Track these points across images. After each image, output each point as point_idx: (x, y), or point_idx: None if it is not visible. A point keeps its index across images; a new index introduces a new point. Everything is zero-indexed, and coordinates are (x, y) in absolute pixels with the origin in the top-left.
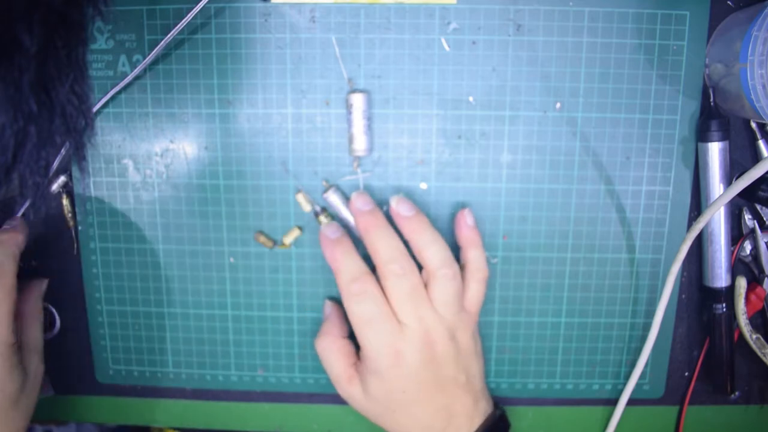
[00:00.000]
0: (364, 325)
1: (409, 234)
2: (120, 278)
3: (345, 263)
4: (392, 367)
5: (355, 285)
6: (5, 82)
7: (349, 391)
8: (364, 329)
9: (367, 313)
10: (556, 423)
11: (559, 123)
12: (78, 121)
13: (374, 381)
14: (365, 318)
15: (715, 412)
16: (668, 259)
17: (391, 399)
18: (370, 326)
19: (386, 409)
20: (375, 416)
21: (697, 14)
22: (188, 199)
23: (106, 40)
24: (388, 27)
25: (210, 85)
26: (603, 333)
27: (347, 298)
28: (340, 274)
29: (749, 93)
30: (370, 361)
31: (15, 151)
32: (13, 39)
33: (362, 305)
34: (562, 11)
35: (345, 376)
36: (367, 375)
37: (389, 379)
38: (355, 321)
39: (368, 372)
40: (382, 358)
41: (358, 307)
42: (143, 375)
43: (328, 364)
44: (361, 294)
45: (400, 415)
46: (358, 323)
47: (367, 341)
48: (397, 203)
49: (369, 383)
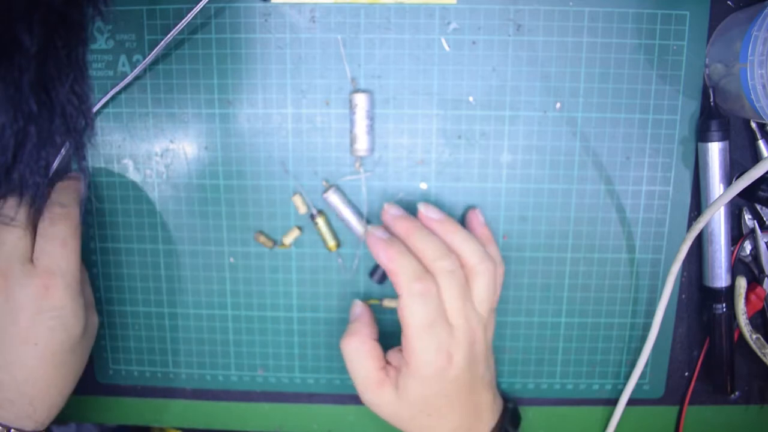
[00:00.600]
0: (425, 327)
1: (443, 235)
2: (120, 278)
3: (403, 263)
4: (441, 371)
5: (418, 284)
6: (5, 82)
7: (378, 394)
8: (422, 332)
9: (431, 314)
10: (556, 423)
11: (559, 123)
12: (78, 121)
13: (415, 386)
14: (427, 320)
15: (715, 412)
16: (668, 259)
17: (429, 403)
18: (430, 329)
19: (420, 413)
20: (402, 420)
21: (697, 14)
22: (188, 199)
23: (106, 40)
24: (388, 27)
25: (210, 85)
26: (603, 333)
27: (409, 298)
28: (400, 274)
29: (749, 93)
30: (418, 366)
31: (15, 151)
32: (13, 39)
33: (426, 306)
34: (562, 11)
35: (375, 380)
36: (407, 379)
37: (433, 383)
38: (415, 323)
39: (409, 376)
40: (433, 363)
41: (421, 309)
42: (143, 375)
43: (357, 366)
44: (426, 294)
45: (435, 419)
46: (418, 326)
47: (422, 345)
48: (425, 208)
49: (407, 388)
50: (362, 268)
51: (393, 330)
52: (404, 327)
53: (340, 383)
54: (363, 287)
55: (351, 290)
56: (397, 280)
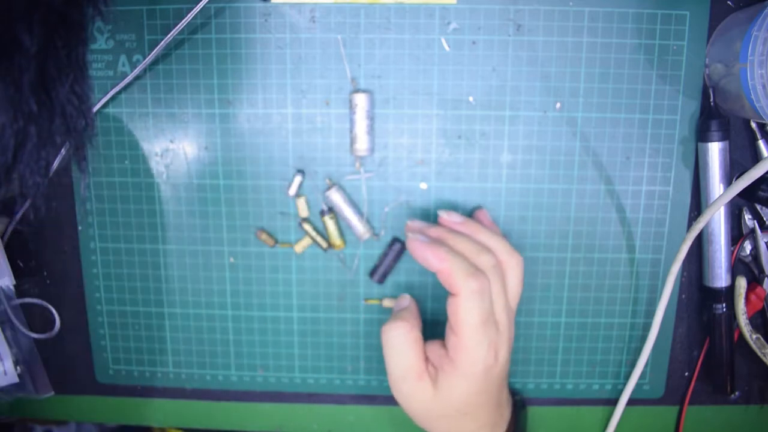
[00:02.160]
0: (480, 325)
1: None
2: (120, 278)
3: (455, 262)
4: (488, 369)
5: (474, 282)
6: (5, 82)
7: (417, 387)
8: (478, 330)
9: (486, 311)
10: (556, 423)
11: (559, 123)
12: (78, 121)
13: (460, 384)
14: (483, 317)
15: (715, 412)
16: (668, 259)
17: (469, 402)
18: (484, 326)
19: (456, 412)
20: (429, 418)
21: (697, 14)
22: (188, 199)
23: (106, 40)
24: (388, 27)
25: (210, 85)
26: (603, 333)
27: (466, 296)
28: (454, 273)
29: (749, 93)
30: (468, 364)
31: (15, 151)
32: (13, 39)
33: (483, 303)
34: (562, 11)
35: (416, 371)
36: (452, 378)
37: (480, 381)
38: (472, 321)
39: (454, 375)
40: (483, 360)
41: (478, 306)
42: (143, 375)
43: (401, 353)
44: (482, 291)
45: (469, 418)
46: (475, 324)
47: (476, 343)
48: (447, 214)
49: (450, 386)
50: (362, 268)
51: None
52: (458, 325)
53: (340, 383)
54: (363, 287)
55: (351, 290)
56: (451, 280)
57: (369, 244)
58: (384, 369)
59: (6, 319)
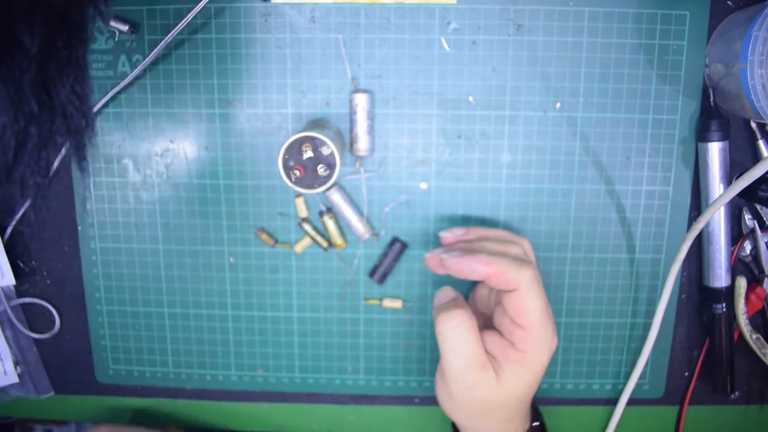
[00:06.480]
0: (544, 310)
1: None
2: (120, 278)
3: (500, 260)
4: (548, 358)
5: (527, 271)
6: (6, 82)
7: (480, 377)
8: (543, 316)
9: (545, 296)
10: (555, 423)
11: (559, 123)
12: (78, 121)
13: (528, 373)
14: (545, 302)
15: (715, 412)
16: (668, 259)
17: (531, 390)
18: (548, 311)
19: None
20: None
21: (697, 14)
22: (188, 199)
23: (106, 40)
24: (388, 27)
25: (210, 85)
26: (603, 333)
27: (527, 287)
28: (507, 270)
29: (749, 93)
30: (537, 353)
31: (16, 152)
32: (13, 39)
33: (541, 288)
34: (562, 11)
35: (480, 360)
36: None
37: (540, 370)
38: (537, 310)
39: (525, 364)
40: (550, 346)
41: (538, 293)
42: (143, 375)
43: (462, 342)
44: (537, 278)
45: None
46: (541, 311)
47: (544, 330)
48: (449, 232)
49: (520, 376)
50: (362, 268)
51: (393, 330)
52: (524, 317)
53: (340, 383)
54: (363, 287)
55: (351, 290)
56: (506, 277)
57: (369, 244)
58: (384, 369)
59: (6, 319)
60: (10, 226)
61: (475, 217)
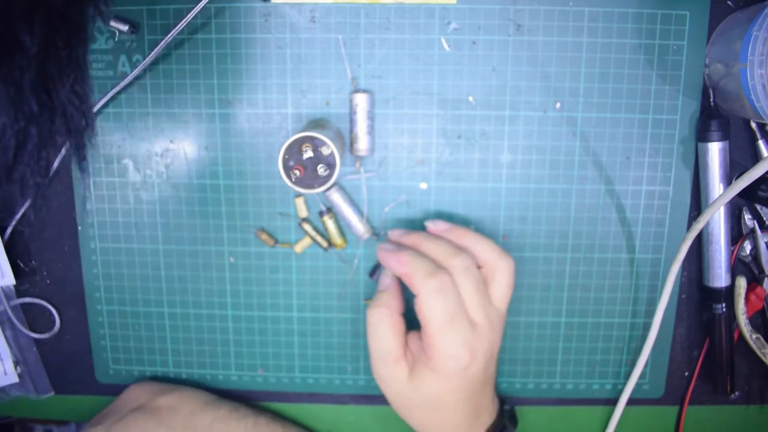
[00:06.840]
0: (445, 323)
1: (456, 240)
2: (120, 278)
3: (415, 262)
4: (463, 368)
5: (433, 280)
6: (6, 82)
7: (392, 372)
8: (444, 328)
9: (449, 310)
10: (556, 423)
11: (559, 123)
12: (78, 121)
13: (432, 379)
14: (447, 315)
15: (715, 412)
16: (668, 259)
17: (440, 399)
18: (451, 324)
19: (428, 406)
20: (407, 406)
21: (697, 14)
22: (188, 199)
23: (106, 40)
24: (388, 27)
25: (210, 85)
26: (603, 333)
27: (426, 294)
28: (414, 274)
29: (749, 93)
30: (440, 361)
31: (16, 152)
32: (13, 39)
33: (444, 301)
34: (562, 11)
35: (393, 355)
36: (425, 371)
37: (452, 379)
38: (434, 319)
39: (428, 369)
40: (456, 358)
41: (439, 303)
42: (143, 375)
43: (380, 337)
44: (442, 290)
45: (440, 415)
46: (437, 321)
47: (446, 341)
48: (433, 223)
49: (423, 379)
50: (362, 268)
51: None
52: (425, 325)
53: (340, 383)
54: (363, 287)
55: (351, 290)
56: (411, 281)
57: (369, 244)
58: None
59: (6, 319)
60: (10, 226)
61: (475, 217)
